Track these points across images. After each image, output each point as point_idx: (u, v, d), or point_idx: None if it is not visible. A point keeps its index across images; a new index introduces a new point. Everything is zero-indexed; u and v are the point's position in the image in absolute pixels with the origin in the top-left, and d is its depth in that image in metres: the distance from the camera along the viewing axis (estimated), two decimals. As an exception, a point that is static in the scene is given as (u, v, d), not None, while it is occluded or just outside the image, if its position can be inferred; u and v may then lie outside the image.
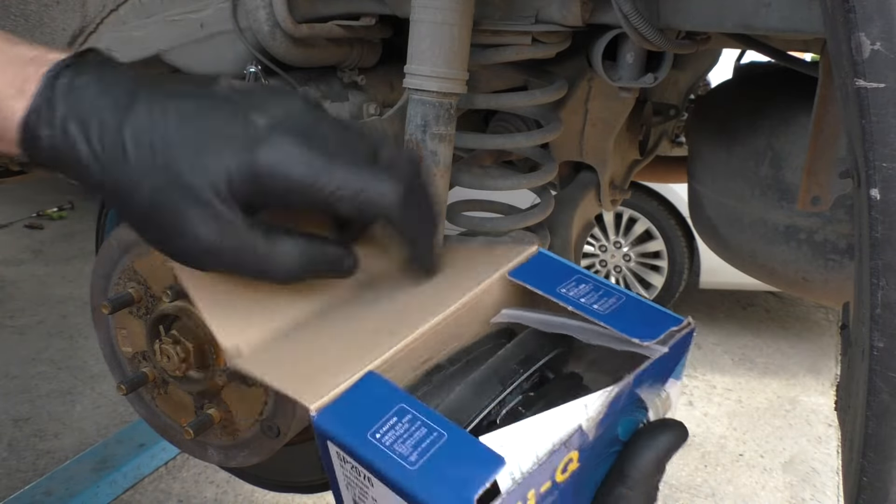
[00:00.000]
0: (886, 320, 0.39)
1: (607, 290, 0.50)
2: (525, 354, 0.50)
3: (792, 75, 0.89)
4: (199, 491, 2.43)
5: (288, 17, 0.77)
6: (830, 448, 2.80)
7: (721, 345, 3.60)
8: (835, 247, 0.94)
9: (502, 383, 0.48)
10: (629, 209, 3.47)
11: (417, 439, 0.38)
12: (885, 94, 0.37)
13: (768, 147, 0.96)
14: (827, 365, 3.42)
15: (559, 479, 0.39)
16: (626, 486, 0.43)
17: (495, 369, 0.48)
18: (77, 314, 3.56)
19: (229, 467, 0.73)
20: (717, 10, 0.69)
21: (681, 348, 0.46)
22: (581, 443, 0.39)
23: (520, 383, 0.48)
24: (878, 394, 0.40)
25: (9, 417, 2.72)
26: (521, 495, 0.36)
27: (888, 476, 0.42)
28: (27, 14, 0.98)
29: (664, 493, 2.53)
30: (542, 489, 0.38)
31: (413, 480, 0.36)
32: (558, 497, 0.40)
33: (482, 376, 0.48)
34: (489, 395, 0.47)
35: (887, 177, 0.38)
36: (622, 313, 0.47)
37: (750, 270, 1.09)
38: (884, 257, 0.39)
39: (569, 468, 0.39)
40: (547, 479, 0.38)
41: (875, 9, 0.36)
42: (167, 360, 0.61)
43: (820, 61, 0.73)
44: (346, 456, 0.40)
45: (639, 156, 1.29)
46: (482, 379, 0.48)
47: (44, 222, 4.90)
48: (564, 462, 0.39)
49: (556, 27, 0.75)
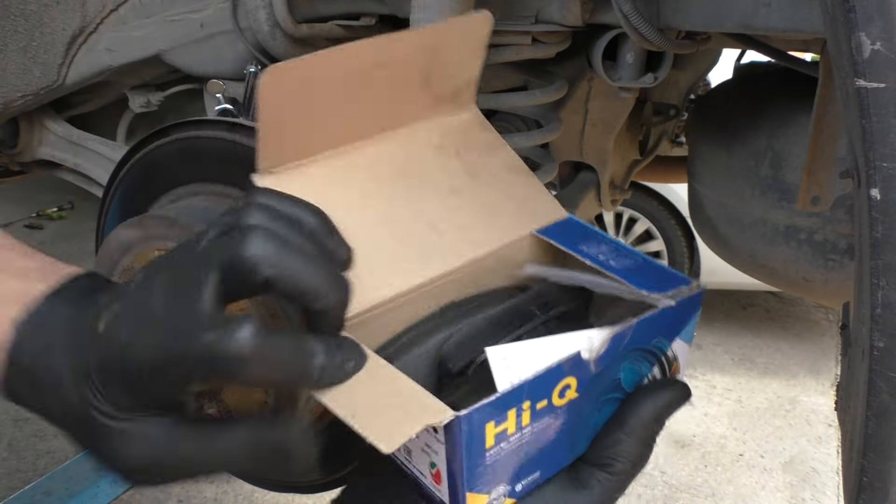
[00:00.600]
0: (886, 320, 0.39)
1: (626, 252, 0.52)
2: (544, 301, 0.52)
3: (792, 75, 0.89)
4: (199, 491, 2.43)
5: (288, 18, 0.78)
6: (830, 448, 2.80)
7: (721, 345, 3.60)
8: (835, 247, 0.94)
9: (519, 322, 0.49)
10: (629, 209, 3.47)
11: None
12: (885, 94, 0.37)
13: (768, 147, 0.96)
14: (827, 365, 3.42)
15: (556, 402, 0.41)
16: (623, 432, 0.45)
17: (515, 308, 0.50)
18: (77, 314, 3.55)
19: (229, 467, 0.73)
20: (718, 10, 0.69)
21: (689, 307, 0.48)
22: (580, 371, 0.41)
23: (536, 326, 0.49)
24: (878, 394, 0.40)
25: (9, 417, 2.72)
26: (517, 401, 0.38)
27: (888, 476, 0.42)
28: (27, 14, 0.98)
29: (664, 493, 2.53)
30: (538, 405, 0.40)
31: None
32: (554, 422, 0.41)
33: (500, 313, 0.49)
34: (505, 332, 0.48)
35: (887, 177, 0.38)
36: (637, 271, 0.49)
37: (750, 270, 1.09)
38: (884, 257, 0.39)
39: (566, 394, 0.41)
40: (544, 398, 0.40)
41: (875, 9, 0.36)
42: (167, 360, 0.61)
43: (820, 61, 0.73)
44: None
45: (639, 156, 1.29)
46: (500, 315, 0.49)
47: (44, 222, 4.90)
48: (562, 386, 0.40)
49: (555, 27, 0.75)
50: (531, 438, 0.41)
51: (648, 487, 2.55)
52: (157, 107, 1.13)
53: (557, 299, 0.52)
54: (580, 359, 0.41)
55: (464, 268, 0.50)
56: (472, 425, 0.37)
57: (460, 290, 0.51)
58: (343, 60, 0.48)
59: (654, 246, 3.53)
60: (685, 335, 0.50)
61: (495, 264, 0.52)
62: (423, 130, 0.55)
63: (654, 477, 2.61)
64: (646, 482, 2.57)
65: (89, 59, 0.99)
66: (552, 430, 0.42)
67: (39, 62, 1.01)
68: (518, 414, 0.39)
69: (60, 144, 1.23)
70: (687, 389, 0.48)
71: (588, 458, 0.45)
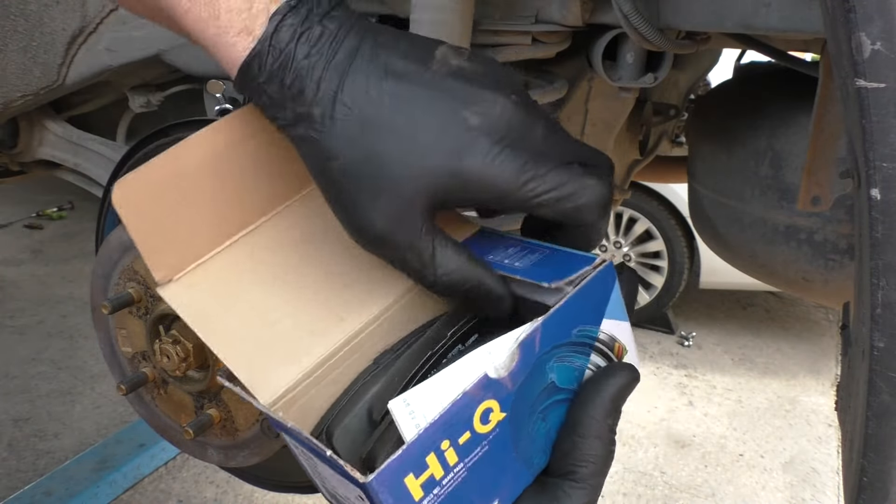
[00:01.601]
0: (887, 320, 0.39)
1: (532, 248, 0.50)
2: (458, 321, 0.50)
3: (792, 75, 0.89)
4: (199, 491, 2.43)
5: (288, 17, 0.77)
6: (830, 448, 2.80)
7: (721, 345, 3.60)
8: (835, 247, 0.94)
9: (433, 349, 0.48)
10: (629, 209, 3.48)
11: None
12: (885, 94, 0.37)
13: (768, 147, 0.96)
14: (827, 365, 3.42)
15: (481, 429, 0.39)
16: (577, 435, 0.43)
17: (429, 339, 0.49)
18: (77, 314, 3.56)
19: (229, 467, 0.73)
20: (718, 9, 0.69)
21: (601, 285, 0.45)
22: (496, 391, 0.39)
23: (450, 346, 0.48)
24: (879, 394, 0.40)
25: (9, 417, 2.72)
26: (433, 445, 0.37)
27: (888, 476, 0.42)
28: (27, 14, 0.98)
29: (664, 493, 2.53)
30: (460, 440, 0.38)
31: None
32: (491, 448, 0.39)
33: (417, 348, 0.48)
34: (423, 365, 0.47)
35: (888, 177, 0.38)
36: (540, 265, 0.48)
37: (750, 270, 1.09)
38: (884, 257, 0.39)
39: (491, 418, 0.39)
40: (464, 431, 0.38)
41: (875, 8, 0.36)
42: (167, 360, 0.61)
43: (820, 61, 0.73)
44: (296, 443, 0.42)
45: (639, 156, 1.29)
46: (416, 351, 0.48)
47: (43, 222, 4.90)
48: (481, 411, 0.38)
49: (555, 27, 0.75)
50: (469, 474, 0.39)
51: (648, 487, 2.55)
52: (157, 107, 1.13)
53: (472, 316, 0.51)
54: (490, 380, 0.38)
55: (386, 311, 0.49)
56: (388, 485, 0.35)
57: (392, 333, 0.50)
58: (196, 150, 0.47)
59: (654, 246, 3.53)
60: (614, 313, 0.47)
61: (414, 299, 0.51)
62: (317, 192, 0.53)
63: (654, 477, 2.61)
64: (646, 482, 2.58)
65: (89, 59, 0.99)
66: (491, 458, 0.40)
67: (39, 62, 1.01)
68: (439, 456, 0.37)
69: (60, 144, 1.23)
70: (634, 370, 0.45)
71: (551, 470, 0.44)
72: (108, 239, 0.65)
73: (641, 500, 2.49)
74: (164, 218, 0.46)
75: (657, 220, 3.47)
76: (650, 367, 3.37)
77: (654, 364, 3.40)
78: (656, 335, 3.66)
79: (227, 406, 0.63)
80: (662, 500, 2.50)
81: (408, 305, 0.51)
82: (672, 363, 3.42)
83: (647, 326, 3.70)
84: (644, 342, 3.60)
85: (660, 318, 3.67)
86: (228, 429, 0.64)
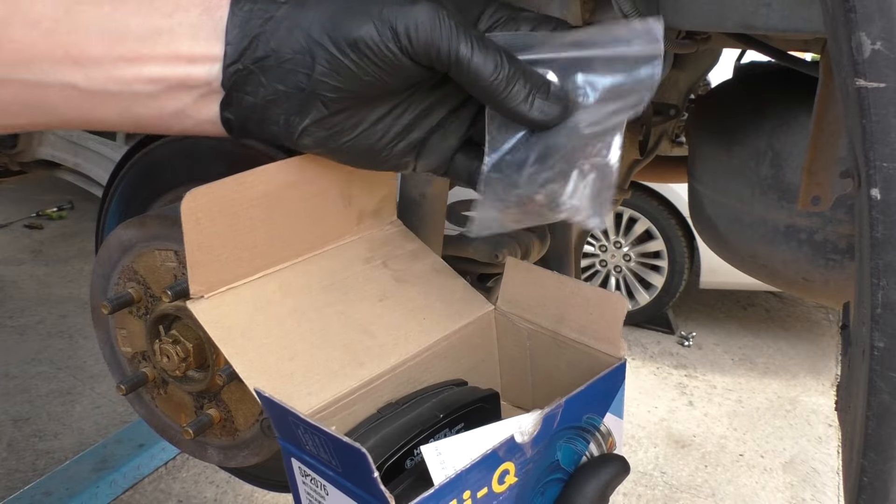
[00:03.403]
0: (887, 320, 0.39)
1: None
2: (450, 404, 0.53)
3: (792, 75, 0.89)
4: (199, 491, 2.43)
5: (288, 17, 0.77)
6: (831, 448, 2.80)
7: (721, 345, 3.60)
8: (835, 247, 0.94)
9: (422, 426, 0.50)
10: (629, 209, 3.47)
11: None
12: (885, 94, 0.37)
13: (768, 147, 0.96)
14: (827, 365, 3.42)
15: (497, 489, 0.41)
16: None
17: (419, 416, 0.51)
18: (77, 314, 3.56)
19: (229, 467, 0.73)
20: (718, 9, 0.68)
21: (614, 380, 0.49)
22: (516, 455, 0.41)
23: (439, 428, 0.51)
24: (879, 394, 0.40)
25: (8, 417, 2.72)
26: (457, 493, 0.39)
27: (888, 476, 0.42)
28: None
29: (664, 493, 2.53)
30: (479, 494, 0.40)
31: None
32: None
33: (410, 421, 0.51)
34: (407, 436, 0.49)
35: (888, 176, 0.38)
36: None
37: (750, 270, 1.09)
38: (884, 257, 0.39)
39: (506, 480, 0.41)
40: (483, 486, 0.40)
41: (875, 8, 0.36)
42: (167, 360, 0.61)
43: (820, 61, 0.73)
44: (307, 469, 0.44)
45: (639, 156, 1.29)
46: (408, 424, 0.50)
47: (43, 222, 4.90)
48: (500, 472, 0.41)
49: (556, 27, 0.75)
50: None
51: (648, 488, 2.55)
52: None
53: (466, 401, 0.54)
54: (514, 443, 0.41)
55: (398, 367, 0.53)
56: None
57: (398, 388, 0.53)
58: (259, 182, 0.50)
59: (654, 246, 3.53)
60: (616, 409, 0.50)
61: (429, 360, 0.55)
62: (351, 245, 0.58)
63: (654, 477, 2.61)
64: (646, 482, 2.58)
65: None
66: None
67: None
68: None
69: (60, 144, 1.23)
70: (625, 463, 0.48)
71: None
72: (108, 239, 0.65)
73: (641, 500, 2.49)
74: (216, 236, 0.48)
75: (657, 220, 3.46)
76: (650, 367, 3.37)
77: (654, 364, 3.40)
78: (656, 335, 3.66)
79: (227, 406, 0.63)
80: (662, 500, 2.50)
81: (421, 364, 0.54)
82: (672, 363, 3.42)
83: (647, 326, 3.70)
84: (644, 342, 3.60)
85: (660, 318, 3.67)
86: (228, 429, 0.64)
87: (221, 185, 0.47)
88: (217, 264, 0.49)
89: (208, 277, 0.49)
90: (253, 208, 0.50)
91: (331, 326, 0.52)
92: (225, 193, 0.48)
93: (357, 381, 0.50)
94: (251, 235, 0.51)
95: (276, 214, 0.51)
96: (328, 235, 0.56)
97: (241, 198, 0.49)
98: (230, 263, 0.50)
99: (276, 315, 0.51)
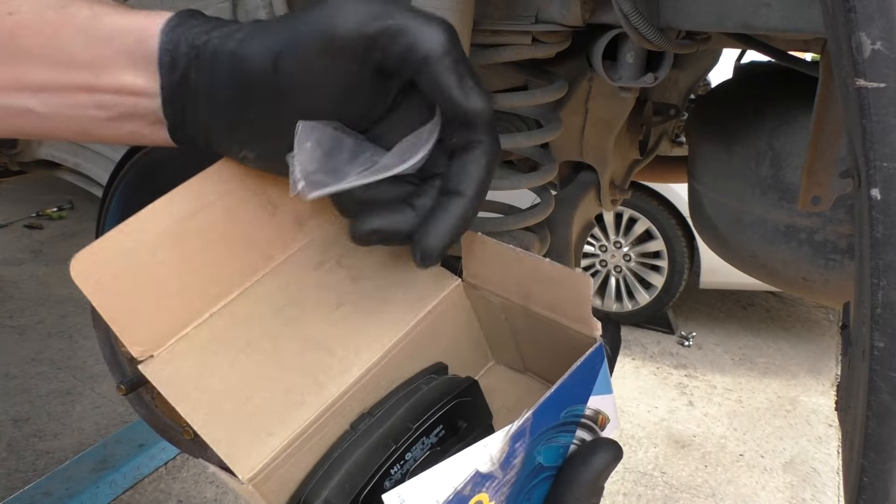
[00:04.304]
0: (887, 320, 0.39)
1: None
2: (424, 409, 0.50)
3: (792, 75, 0.89)
4: (199, 491, 2.43)
5: (288, 17, 0.77)
6: (831, 448, 2.80)
7: (721, 345, 3.60)
8: (835, 247, 0.94)
9: (395, 442, 0.48)
10: (629, 209, 3.47)
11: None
12: (885, 94, 0.37)
13: (768, 147, 0.96)
14: (827, 365, 3.42)
15: None
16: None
17: (391, 428, 0.49)
18: (77, 314, 3.56)
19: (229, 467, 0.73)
20: (718, 9, 0.69)
21: (590, 366, 0.46)
22: (486, 484, 0.39)
23: (415, 440, 0.48)
24: (879, 394, 0.40)
25: (8, 417, 2.72)
26: None
27: (888, 476, 0.42)
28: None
29: (664, 493, 2.53)
30: None
31: None
32: None
33: (376, 440, 0.48)
34: (380, 458, 0.47)
35: (888, 176, 0.38)
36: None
37: (750, 270, 1.09)
38: (884, 257, 0.39)
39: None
40: None
41: (875, 8, 0.36)
42: (167, 360, 0.61)
43: (820, 61, 0.73)
44: None
45: (639, 156, 1.29)
46: (376, 442, 0.48)
47: (43, 222, 4.90)
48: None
49: (556, 27, 0.75)
50: None
51: (648, 488, 2.55)
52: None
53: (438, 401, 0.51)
54: (481, 475, 0.39)
55: (364, 376, 0.50)
56: None
57: (371, 395, 0.51)
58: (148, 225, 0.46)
59: (654, 246, 3.53)
60: (600, 389, 0.47)
61: (400, 355, 0.52)
62: (300, 254, 0.53)
63: (654, 477, 2.61)
64: (646, 482, 2.58)
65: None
66: None
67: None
68: None
69: (60, 144, 1.23)
70: (617, 448, 0.45)
71: None
72: (108, 239, 0.65)
73: (641, 500, 2.49)
74: (130, 293, 0.45)
75: (657, 220, 3.46)
76: (650, 367, 3.37)
77: (654, 364, 3.40)
78: (656, 335, 3.66)
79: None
80: (662, 500, 2.50)
81: (393, 362, 0.51)
82: (672, 363, 3.42)
83: (647, 326, 3.70)
84: (644, 342, 3.60)
85: (660, 318, 3.68)
86: (228, 429, 0.64)
87: (104, 242, 0.44)
88: (149, 320, 0.46)
89: (147, 335, 0.46)
90: (158, 252, 0.46)
91: (286, 352, 0.49)
92: (113, 248, 0.44)
93: (321, 403, 0.47)
94: (174, 279, 0.46)
95: (190, 249, 0.47)
96: (271, 250, 0.52)
97: (136, 246, 0.45)
98: (165, 314, 0.46)
99: (229, 355, 0.48)
